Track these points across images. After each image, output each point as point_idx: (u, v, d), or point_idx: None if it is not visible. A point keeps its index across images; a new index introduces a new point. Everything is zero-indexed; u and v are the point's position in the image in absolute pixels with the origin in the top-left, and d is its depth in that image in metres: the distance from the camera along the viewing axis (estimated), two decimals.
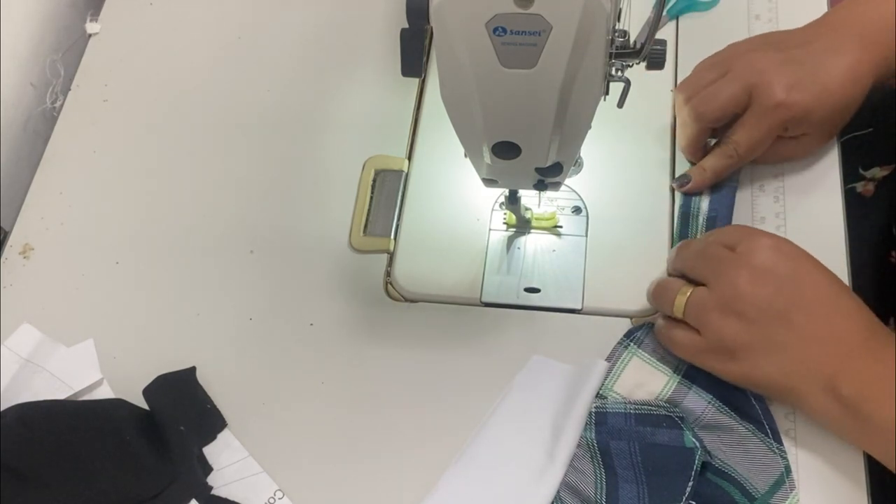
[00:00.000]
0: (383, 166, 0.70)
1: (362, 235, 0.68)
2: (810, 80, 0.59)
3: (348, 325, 0.64)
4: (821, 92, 0.59)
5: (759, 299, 0.52)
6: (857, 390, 0.50)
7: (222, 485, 0.59)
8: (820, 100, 0.59)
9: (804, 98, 0.58)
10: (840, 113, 0.61)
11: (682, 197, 0.65)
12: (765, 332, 0.53)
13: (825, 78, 0.59)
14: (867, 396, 0.50)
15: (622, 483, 0.55)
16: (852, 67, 0.59)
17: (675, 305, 0.56)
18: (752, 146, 0.61)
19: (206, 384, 0.62)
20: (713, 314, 0.54)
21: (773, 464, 0.55)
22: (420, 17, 0.43)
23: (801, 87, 0.58)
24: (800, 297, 0.52)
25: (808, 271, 0.53)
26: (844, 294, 0.53)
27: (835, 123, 0.62)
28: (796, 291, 0.52)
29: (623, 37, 0.47)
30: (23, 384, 0.62)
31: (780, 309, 0.52)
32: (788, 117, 0.59)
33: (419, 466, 0.58)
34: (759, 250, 0.54)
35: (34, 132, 0.78)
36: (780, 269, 0.53)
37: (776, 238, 0.55)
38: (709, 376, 0.57)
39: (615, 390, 0.58)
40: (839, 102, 0.59)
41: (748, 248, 0.54)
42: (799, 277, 0.53)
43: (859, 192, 0.77)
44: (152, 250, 0.69)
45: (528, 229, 0.66)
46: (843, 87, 0.59)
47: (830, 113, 0.60)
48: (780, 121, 0.59)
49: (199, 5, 0.80)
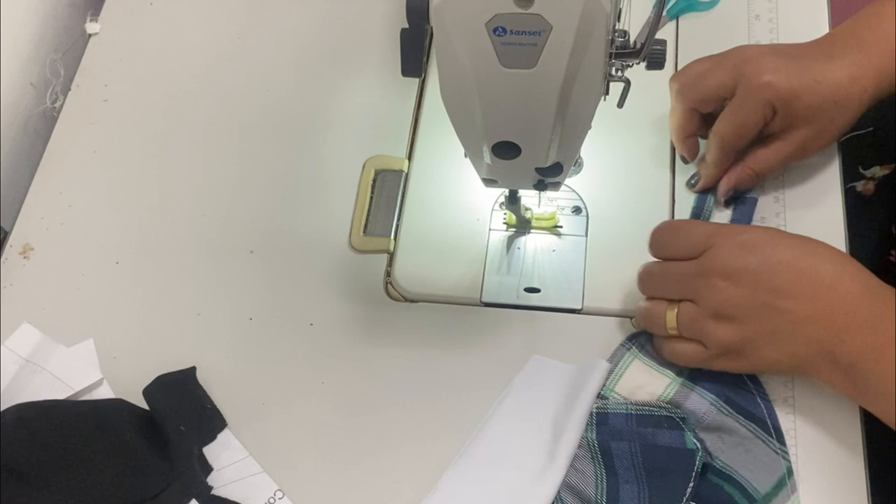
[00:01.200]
0: (383, 166, 0.70)
1: (362, 235, 0.68)
2: (803, 70, 0.58)
3: (348, 325, 0.64)
4: (811, 81, 0.58)
5: (742, 298, 0.53)
6: (853, 359, 0.51)
7: (222, 485, 0.59)
8: (809, 88, 0.58)
9: (791, 81, 0.58)
10: (834, 108, 0.59)
11: (696, 198, 0.65)
12: (759, 325, 0.53)
13: (818, 70, 0.58)
14: (863, 363, 0.51)
15: (623, 484, 0.55)
16: (850, 68, 0.58)
17: (668, 324, 0.56)
18: (738, 128, 0.60)
19: (206, 384, 0.62)
20: (707, 324, 0.54)
21: (775, 465, 0.55)
22: (420, 17, 0.43)
23: (790, 72, 0.58)
24: (777, 285, 0.52)
25: (776, 258, 0.53)
26: (820, 263, 0.53)
27: (831, 120, 0.60)
28: (771, 280, 0.53)
29: (623, 37, 0.47)
30: (23, 384, 0.62)
31: (764, 300, 0.53)
32: (774, 97, 0.58)
33: (419, 466, 0.58)
34: (722, 254, 0.54)
35: (34, 132, 0.78)
36: (750, 264, 0.53)
37: (735, 236, 0.54)
38: (711, 377, 0.57)
39: (616, 391, 0.58)
40: (831, 95, 0.58)
41: (714, 254, 0.54)
42: (769, 266, 0.53)
43: (859, 191, 0.77)
44: (152, 250, 0.69)
45: (528, 229, 0.66)
46: (838, 82, 0.58)
47: (821, 103, 0.58)
48: (764, 100, 0.58)
49: (199, 5, 0.80)
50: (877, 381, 0.51)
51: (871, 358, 0.51)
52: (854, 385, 0.52)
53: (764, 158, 0.62)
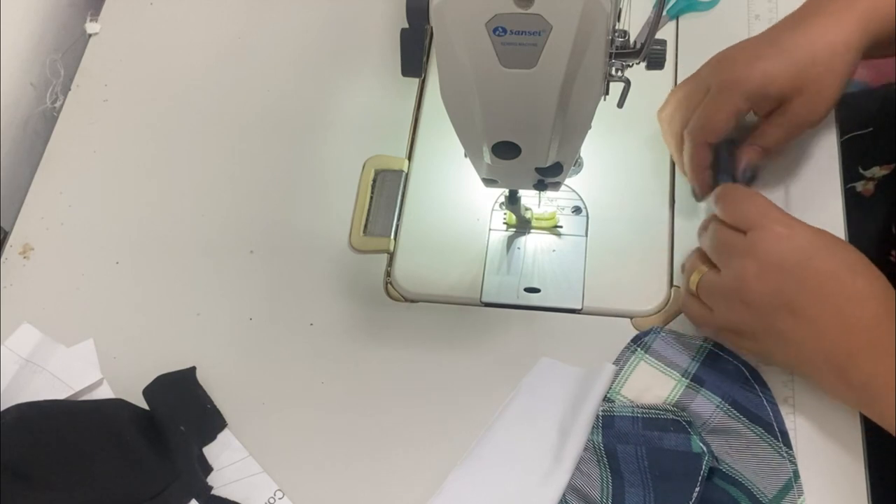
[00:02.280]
0: (383, 166, 0.70)
1: (362, 235, 0.68)
2: (773, 48, 0.58)
3: (348, 325, 0.64)
4: (782, 54, 0.58)
5: (764, 292, 0.52)
6: (866, 380, 0.51)
7: (222, 485, 0.59)
8: (782, 62, 0.58)
9: (764, 66, 0.58)
10: (814, 68, 0.58)
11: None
12: (772, 323, 0.53)
13: (788, 42, 0.58)
14: (875, 387, 0.50)
15: (629, 487, 0.54)
16: (821, 27, 0.58)
17: (690, 282, 0.57)
18: (706, 121, 0.59)
19: (206, 384, 0.62)
20: (721, 300, 0.55)
21: (782, 469, 0.55)
22: (420, 17, 0.43)
23: (761, 55, 0.58)
24: (806, 290, 0.52)
25: (818, 262, 0.52)
26: (859, 277, 0.52)
27: (819, 81, 0.58)
28: (803, 285, 0.52)
29: (623, 37, 0.47)
30: (23, 384, 0.62)
31: (785, 301, 0.52)
32: (749, 88, 0.58)
33: (418, 466, 0.58)
34: (769, 240, 0.53)
35: (34, 132, 0.78)
36: (788, 262, 0.52)
37: (788, 226, 0.53)
38: (718, 379, 0.57)
39: (623, 394, 0.58)
40: (806, 58, 0.57)
41: (758, 238, 0.53)
42: (807, 270, 0.52)
43: (859, 191, 0.77)
44: (152, 250, 0.69)
45: (528, 229, 0.66)
46: (811, 43, 0.57)
47: (799, 70, 0.57)
48: (738, 93, 0.58)
49: (199, 5, 0.80)
50: (888, 404, 0.50)
51: (884, 383, 0.50)
52: (860, 401, 0.52)
53: (769, 133, 0.61)
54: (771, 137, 0.61)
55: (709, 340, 0.60)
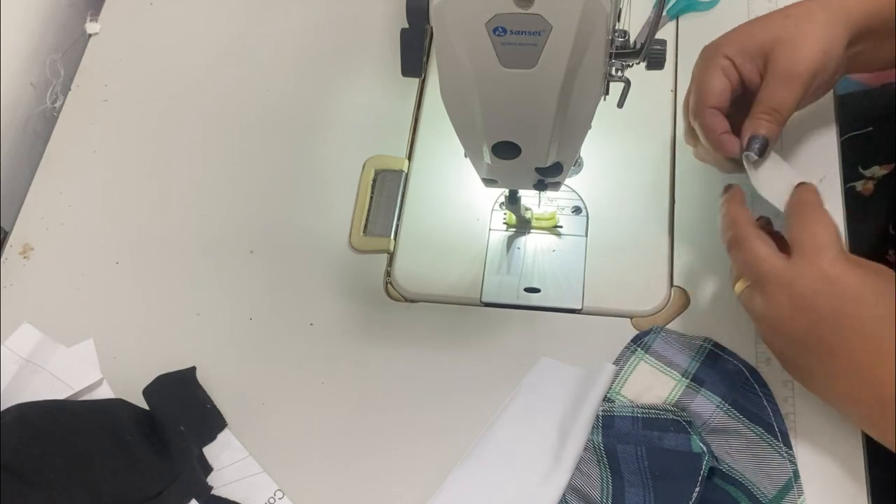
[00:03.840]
0: (383, 166, 0.70)
1: (362, 235, 0.68)
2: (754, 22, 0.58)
3: (348, 325, 0.64)
4: (759, 23, 0.58)
5: (798, 330, 0.51)
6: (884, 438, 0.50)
7: (222, 485, 0.59)
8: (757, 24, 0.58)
9: (741, 30, 0.58)
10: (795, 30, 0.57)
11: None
12: (808, 358, 0.52)
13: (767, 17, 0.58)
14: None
15: (629, 487, 0.54)
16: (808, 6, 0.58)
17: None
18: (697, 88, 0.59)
19: (206, 384, 0.62)
20: (760, 323, 0.54)
21: (782, 469, 0.55)
22: (420, 17, 0.43)
23: (742, 27, 0.58)
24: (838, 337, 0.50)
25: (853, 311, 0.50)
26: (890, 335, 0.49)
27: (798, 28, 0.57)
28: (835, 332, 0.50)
29: (623, 37, 0.47)
30: (23, 384, 0.62)
31: (820, 337, 0.51)
32: (728, 49, 0.57)
33: (419, 466, 0.58)
34: (806, 278, 0.50)
35: (34, 132, 0.78)
36: (821, 306, 0.50)
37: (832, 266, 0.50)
38: (718, 379, 0.57)
39: (623, 394, 0.58)
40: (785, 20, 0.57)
41: (797, 272, 0.51)
42: (840, 317, 0.50)
43: (859, 190, 0.77)
44: (152, 250, 0.69)
45: (528, 229, 0.66)
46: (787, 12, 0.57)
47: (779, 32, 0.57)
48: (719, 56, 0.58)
49: (199, 5, 0.80)
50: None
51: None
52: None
53: (764, 96, 0.58)
54: (767, 100, 0.58)
55: (709, 340, 0.60)
